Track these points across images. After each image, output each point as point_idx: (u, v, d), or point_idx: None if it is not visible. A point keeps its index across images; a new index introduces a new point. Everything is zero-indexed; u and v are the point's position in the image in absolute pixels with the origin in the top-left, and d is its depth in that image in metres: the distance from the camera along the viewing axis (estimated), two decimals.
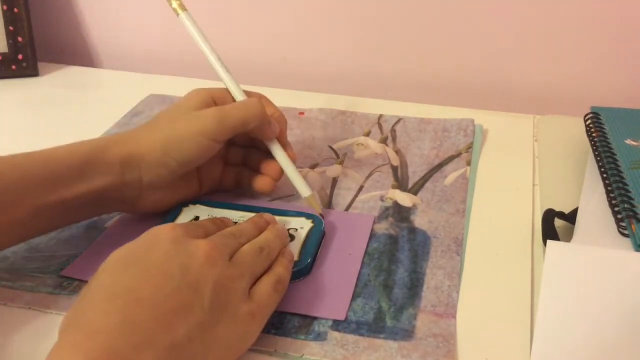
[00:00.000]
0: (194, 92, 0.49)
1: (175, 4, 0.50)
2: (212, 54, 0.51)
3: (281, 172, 0.51)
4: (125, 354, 0.30)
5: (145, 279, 0.34)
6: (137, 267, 0.34)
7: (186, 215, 0.48)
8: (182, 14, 0.50)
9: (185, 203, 0.50)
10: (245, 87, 0.74)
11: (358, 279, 0.43)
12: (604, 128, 0.54)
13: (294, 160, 0.51)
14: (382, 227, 0.49)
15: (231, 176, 0.52)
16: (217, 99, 0.49)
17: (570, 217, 0.47)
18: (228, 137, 0.48)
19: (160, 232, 0.37)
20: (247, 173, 0.52)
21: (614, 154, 0.50)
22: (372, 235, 0.48)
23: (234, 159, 0.53)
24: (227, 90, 0.51)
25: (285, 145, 0.51)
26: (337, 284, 0.43)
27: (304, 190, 0.50)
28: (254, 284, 0.38)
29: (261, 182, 0.51)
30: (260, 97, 0.52)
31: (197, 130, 0.46)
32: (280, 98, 0.71)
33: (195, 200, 0.50)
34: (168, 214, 0.48)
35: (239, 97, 0.50)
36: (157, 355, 0.31)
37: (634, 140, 0.52)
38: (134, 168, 0.45)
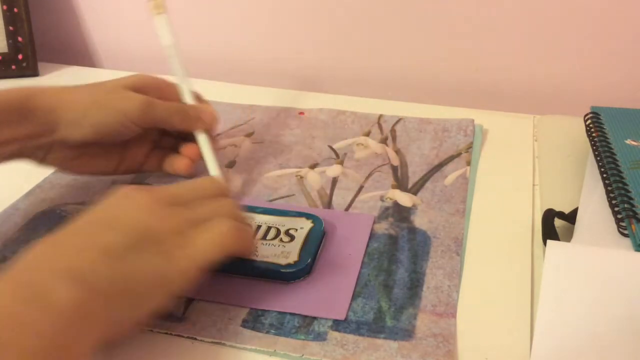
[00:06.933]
0: (136, 75, 0.51)
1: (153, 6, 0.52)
2: (176, 56, 0.54)
3: (199, 154, 0.52)
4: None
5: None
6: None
7: None
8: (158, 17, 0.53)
9: None
10: (244, 87, 0.74)
11: (358, 279, 0.43)
12: (604, 128, 0.54)
13: (214, 145, 0.53)
14: (382, 227, 0.49)
15: (155, 160, 0.54)
16: (154, 90, 0.51)
17: (570, 217, 0.47)
18: (149, 126, 0.50)
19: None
20: (171, 156, 0.54)
21: (614, 154, 0.50)
22: (372, 236, 0.48)
23: (166, 144, 0.55)
24: (172, 86, 0.53)
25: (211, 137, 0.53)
26: (337, 284, 0.43)
27: (213, 170, 0.51)
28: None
29: (179, 163, 0.53)
30: (201, 108, 0.53)
31: (120, 108, 0.48)
32: (280, 98, 0.72)
33: None
34: None
35: (187, 99, 0.53)
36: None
37: (634, 140, 0.52)
38: (53, 120, 0.47)
